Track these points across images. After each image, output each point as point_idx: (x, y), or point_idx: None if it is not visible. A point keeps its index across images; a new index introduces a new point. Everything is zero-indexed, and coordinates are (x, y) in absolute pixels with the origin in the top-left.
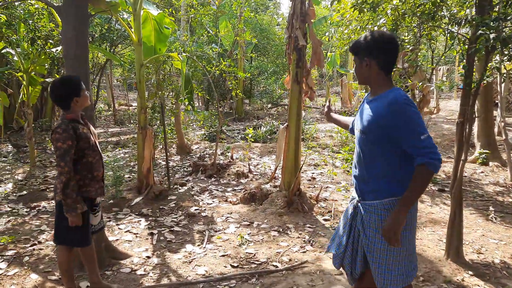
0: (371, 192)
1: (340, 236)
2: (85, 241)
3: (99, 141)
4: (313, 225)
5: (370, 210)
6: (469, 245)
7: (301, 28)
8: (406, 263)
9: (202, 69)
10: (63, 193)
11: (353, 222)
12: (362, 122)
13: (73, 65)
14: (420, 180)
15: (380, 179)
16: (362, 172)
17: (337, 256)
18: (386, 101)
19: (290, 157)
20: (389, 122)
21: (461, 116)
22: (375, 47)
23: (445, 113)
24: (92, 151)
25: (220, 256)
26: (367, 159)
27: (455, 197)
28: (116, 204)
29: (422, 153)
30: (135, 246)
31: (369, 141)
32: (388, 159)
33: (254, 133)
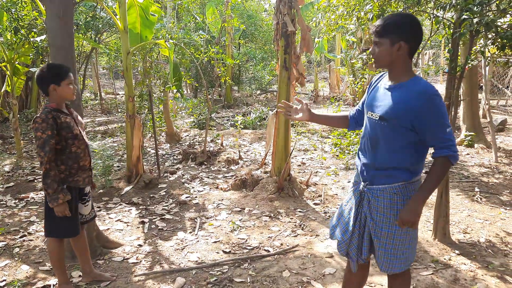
0: (383, 177)
1: (345, 222)
2: (73, 231)
3: (86, 131)
4: (304, 209)
5: (378, 194)
6: (455, 226)
7: (289, 13)
8: (411, 246)
9: (190, 56)
10: (44, 183)
11: (359, 207)
12: (385, 108)
13: (58, 54)
14: (442, 171)
15: (393, 166)
16: (374, 158)
17: (343, 242)
18: (416, 90)
19: (280, 143)
20: (419, 112)
21: (446, 99)
22: (409, 31)
23: None
24: (77, 141)
25: (212, 243)
26: (381, 145)
27: None
28: (106, 193)
29: (446, 146)
30: (127, 235)
31: (389, 128)
32: (404, 147)
33: (244, 119)
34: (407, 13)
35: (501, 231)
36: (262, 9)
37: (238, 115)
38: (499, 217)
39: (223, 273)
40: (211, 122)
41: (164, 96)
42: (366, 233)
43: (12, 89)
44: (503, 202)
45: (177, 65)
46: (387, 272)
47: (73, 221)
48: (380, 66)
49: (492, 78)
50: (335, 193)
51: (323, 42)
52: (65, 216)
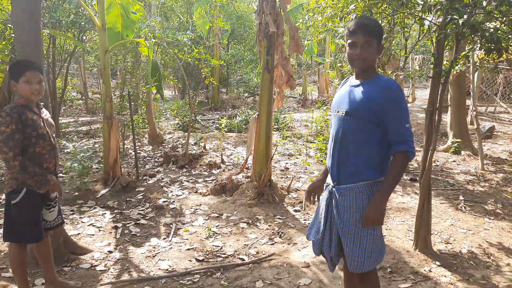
0: (349, 176)
1: (318, 222)
2: (35, 236)
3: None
4: (283, 216)
5: (345, 193)
6: (437, 235)
7: (271, 13)
8: (378, 245)
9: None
10: (27, 173)
11: (329, 208)
12: (350, 103)
13: (24, 50)
14: (401, 166)
15: (360, 162)
16: (341, 155)
17: (316, 243)
18: (380, 85)
19: (261, 148)
20: (382, 105)
21: (430, 105)
22: (382, 33)
23: (420, 102)
24: (42, 141)
25: (186, 250)
26: (348, 141)
27: (423, 187)
28: (81, 196)
29: (404, 141)
30: (97, 240)
31: (354, 123)
32: (370, 142)
33: (229, 122)
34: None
35: (484, 242)
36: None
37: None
38: (483, 227)
39: (194, 283)
40: (196, 125)
41: (147, 97)
42: (335, 232)
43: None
44: (487, 211)
45: (156, 65)
46: (355, 271)
47: (35, 226)
48: (364, 65)
49: (481, 84)
50: (316, 199)
51: (313, 45)
52: (26, 220)
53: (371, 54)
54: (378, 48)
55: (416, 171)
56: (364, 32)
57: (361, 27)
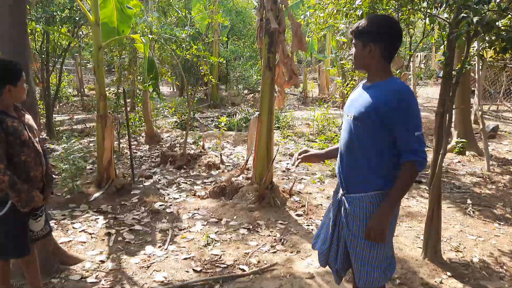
0: (358, 184)
1: (325, 232)
2: (22, 250)
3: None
4: (285, 221)
5: (355, 203)
6: (447, 242)
7: (273, 9)
8: (388, 260)
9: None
10: (14, 190)
11: (338, 217)
12: (358, 108)
13: (7, 46)
14: (408, 177)
15: (369, 170)
16: (350, 162)
17: (322, 254)
18: (389, 89)
19: (262, 149)
20: (390, 110)
21: (440, 107)
22: (380, 32)
23: (422, 100)
24: (26, 148)
25: (183, 259)
26: (357, 148)
27: (433, 193)
28: (74, 199)
29: (412, 150)
30: (89, 248)
31: (363, 128)
32: (379, 149)
33: (228, 120)
34: (385, 16)
35: (495, 250)
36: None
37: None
38: (493, 233)
39: None
40: (195, 123)
41: (143, 95)
42: (343, 243)
43: None
44: (496, 216)
45: (153, 62)
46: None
47: (22, 239)
48: (356, 67)
49: (484, 82)
50: (320, 203)
51: (313, 41)
52: (12, 234)
53: (355, 56)
54: (364, 49)
55: (422, 172)
56: (354, 33)
57: (353, 28)
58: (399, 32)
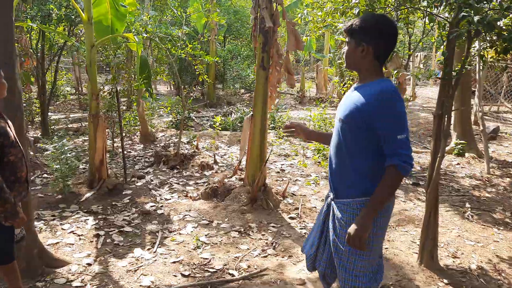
0: (346, 189)
1: (313, 236)
2: (9, 257)
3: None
4: (278, 224)
5: (343, 208)
6: (444, 248)
7: (267, 7)
8: (374, 268)
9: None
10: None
11: (326, 222)
12: (344, 110)
13: None
14: (390, 182)
15: (356, 174)
16: (338, 165)
17: (309, 258)
18: (374, 89)
19: (255, 150)
20: (372, 111)
21: (439, 108)
22: (375, 31)
23: (421, 101)
24: (13, 148)
25: (171, 263)
26: (344, 151)
27: (430, 197)
28: (64, 199)
29: (396, 154)
30: (77, 250)
31: (348, 131)
32: (365, 152)
33: (224, 120)
34: (381, 15)
35: (494, 256)
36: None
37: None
38: (492, 239)
39: None
40: (190, 122)
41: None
42: (329, 249)
43: None
44: (496, 220)
45: (146, 61)
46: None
47: (9, 245)
48: (348, 67)
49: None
50: (314, 205)
51: (312, 40)
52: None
53: (347, 55)
54: (356, 48)
55: (419, 175)
56: (347, 31)
57: (347, 26)
58: (395, 32)
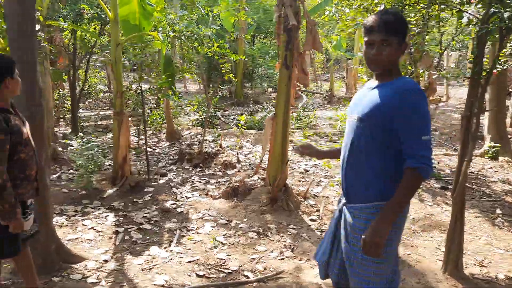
0: (360, 193)
1: (326, 242)
2: (13, 250)
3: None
4: (298, 226)
5: (356, 214)
6: (470, 256)
7: (292, 5)
8: (389, 276)
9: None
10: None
11: (338, 228)
12: (362, 108)
13: (16, 41)
14: (410, 185)
15: (373, 177)
16: (352, 167)
17: (321, 265)
18: (396, 87)
19: (277, 149)
20: (394, 110)
21: (467, 109)
22: (407, 29)
23: (455, 102)
24: (25, 146)
25: (186, 262)
26: (359, 152)
27: (456, 203)
28: (88, 195)
29: (417, 156)
30: (95, 246)
31: (366, 130)
32: (384, 154)
33: (250, 119)
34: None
35: None
36: None
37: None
38: None
39: None
40: (216, 121)
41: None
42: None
43: None
44: None
45: (170, 59)
46: None
47: (14, 239)
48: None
49: None
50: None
51: (341, 39)
52: (5, 234)
53: (389, 56)
54: (400, 47)
55: (447, 178)
56: (382, 29)
57: (379, 24)
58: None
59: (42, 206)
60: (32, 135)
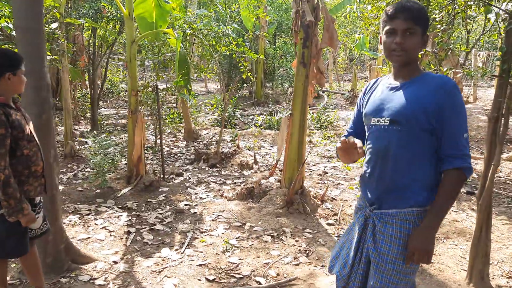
0: (393, 199)
1: (345, 254)
2: (22, 249)
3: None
4: (314, 230)
5: (387, 220)
6: (497, 266)
7: (309, 1)
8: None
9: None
10: (4, 193)
11: (363, 236)
12: (396, 109)
13: (23, 37)
14: (455, 187)
15: (409, 182)
16: (383, 174)
17: (341, 278)
18: (434, 84)
19: (293, 150)
20: (438, 109)
21: (495, 110)
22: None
23: (482, 103)
24: (27, 142)
25: (197, 266)
26: (393, 157)
27: (482, 209)
28: (102, 194)
29: (461, 155)
30: (106, 247)
31: (403, 133)
32: (423, 157)
33: (269, 119)
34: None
35: None
36: None
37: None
38: None
39: None
40: (234, 120)
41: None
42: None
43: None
44: None
45: (185, 58)
46: None
47: (22, 238)
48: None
49: None
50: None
51: (365, 38)
52: (13, 233)
53: (414, 44)
54: (422, 39)
55: (474, 183)
56: (407, 16)
57: (403, 11)
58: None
59: (51, 205)
60: (39, 131)
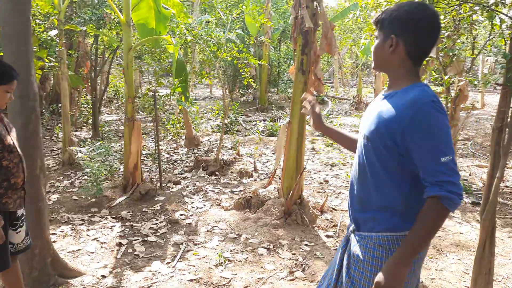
0: (367, 221)
1: (331, 273)
2: (2, 265)
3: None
4: (312, 242)
5: (362, 243)
6: (502, 282)
7: (309, 7)
8: None
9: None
10: None
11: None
12: (369, 124)
13: (9, 45)
14: (431, 218)
15: (382, 204)
16: (361, 191)
17: None
18: (405, 99)
19: (291, 159)
20: (404, 128)
21: (498, 121)
22: (408, 24)
23: (490, 109)
24: (8, 153)
25: (188, 281)
26: (368, 175)
27: (485, 223)
28: (97, 203)
29: (437, 181)
30: (95, 260)
31: (374, 151)
32: (395, 178)
33: (271, 125)
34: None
35: None
36: None
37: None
38: None
39: None
40: (236, 127)
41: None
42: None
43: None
44: None
45: (182, 64)
46: None
47: (2, 253)
48: (375, 67)
49: None
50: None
51: (370, 44)
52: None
53: (375, 49)
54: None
55: (479, 193)
56: (374, 22)
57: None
58: (435, 26)
59: (37, 217)
60: (25, 141)
